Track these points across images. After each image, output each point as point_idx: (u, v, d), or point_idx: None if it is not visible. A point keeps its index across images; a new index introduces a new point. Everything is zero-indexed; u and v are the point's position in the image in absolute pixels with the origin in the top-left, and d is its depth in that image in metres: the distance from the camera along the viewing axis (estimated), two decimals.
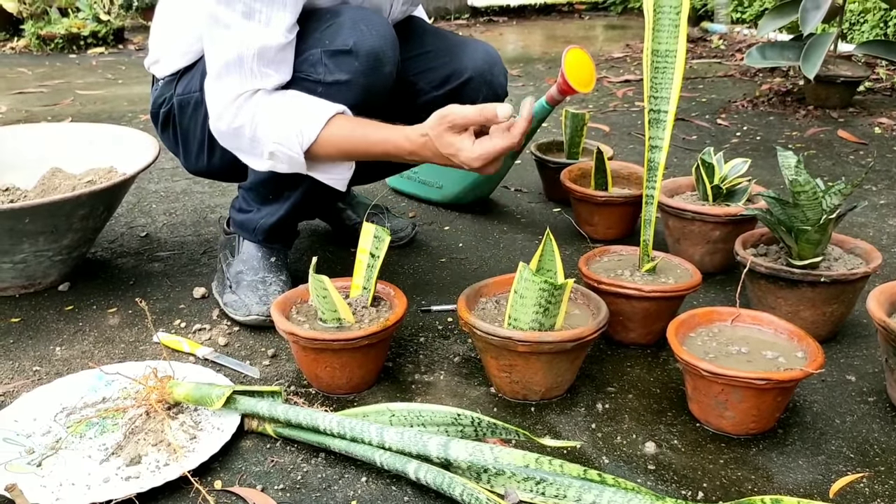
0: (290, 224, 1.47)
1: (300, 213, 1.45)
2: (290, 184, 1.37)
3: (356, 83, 1.25)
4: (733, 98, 3.20)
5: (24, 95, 3.38)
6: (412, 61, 1.46)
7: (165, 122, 1.48)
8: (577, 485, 0.93)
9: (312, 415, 1.06)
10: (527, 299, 1.13)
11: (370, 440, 1.02)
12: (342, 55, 1.24)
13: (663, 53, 1.27)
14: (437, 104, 1.44)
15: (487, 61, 1.48)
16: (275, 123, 1.25)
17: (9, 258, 1.46)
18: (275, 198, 1.40)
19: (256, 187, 1.41)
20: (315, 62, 1.25)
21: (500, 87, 1.50)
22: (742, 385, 1.05)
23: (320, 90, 1.26)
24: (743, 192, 1.60)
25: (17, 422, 1.13)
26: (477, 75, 1.45)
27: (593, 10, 5.89)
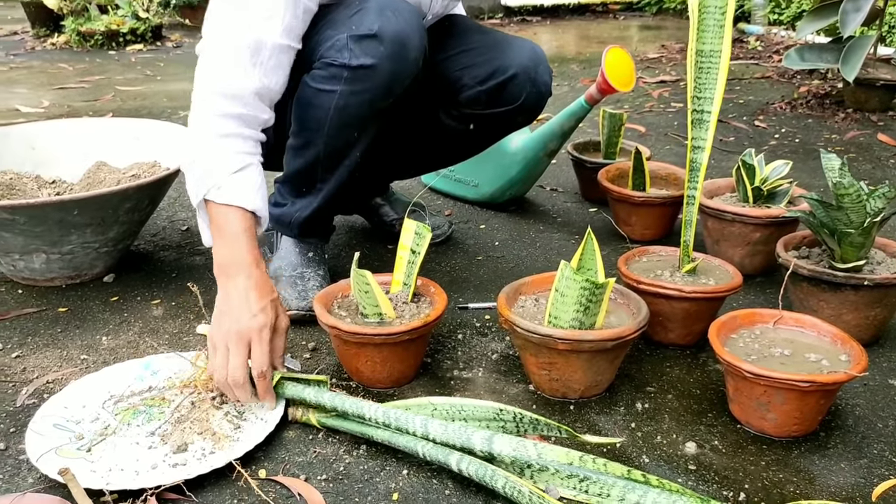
0: (325, 217, 1.49)
1: (334, 205, 1.46)
2: (322, 176, 1.39)
3: (381, 68, 1.26)
4: (771, 100, 3.17)
5: (65, 91, 3.44)
6: (456, 57, 1.47)
7: None
8: (621, 484, 0.93)
9: (358, 403, 1.08)
10: (568, 298, 1.14)
11: (415, 431, 1.03)
12: (367, 39, 1.25)
13: (707, 53, 1.26)
14: (480, 100, 1.47)
15: (533, 59, 1.48)
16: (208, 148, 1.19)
17: (57, 249, 1.49)
18: (308, 190, 1.42)
19: (290, 180, 1.43)
20: (341, 47, 1.26)
21: (544, 85, 1.50)
22: (785, 387, 1.04)
23: (346, 75, 1.27)
24: (784, 194, 1.59)
25: (67, 408, 1.16)
26: (521, 72, 1.46)
27: (628, 11, 5.86)
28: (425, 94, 1.50)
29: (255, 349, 1.11)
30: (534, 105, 1.51)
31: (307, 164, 1.38)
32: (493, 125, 1.54)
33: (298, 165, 1.39)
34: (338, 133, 1.33)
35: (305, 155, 1.37)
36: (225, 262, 1.18)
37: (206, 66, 1.21)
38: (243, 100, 1.20)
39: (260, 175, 1.23)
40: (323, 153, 1.35)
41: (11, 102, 3.19)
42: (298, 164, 1.39)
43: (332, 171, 1.37)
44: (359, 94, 1.28)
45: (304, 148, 1.36)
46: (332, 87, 1.28)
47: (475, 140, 1.58)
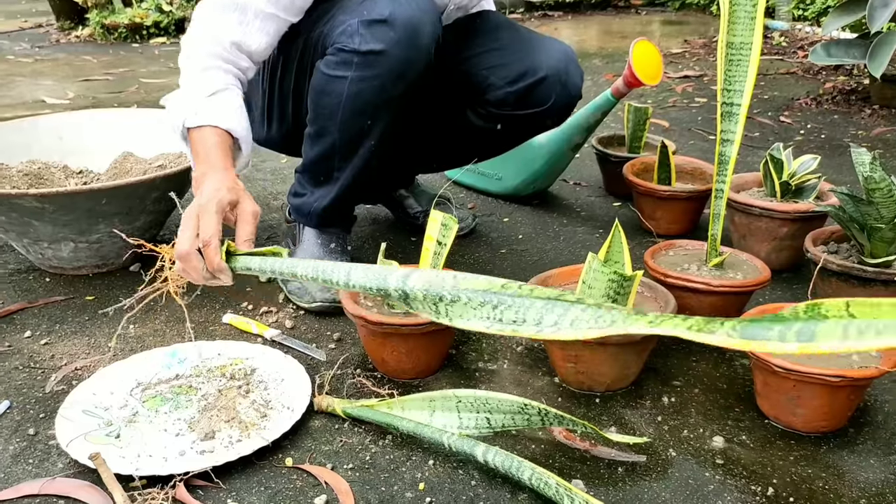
0: (344, 206, 1.48)
1: (352, 195, 1.46)
2: (339, 165, 1.39)
3: (391, 54, 1.25)
4: (796, 96, 3.14)
5: (90, 83, 3.47)
6: (486, 56, 1.46)
7: None
8: (539, 305, 0.78)
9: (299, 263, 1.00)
10: (595, 290, 1.13)
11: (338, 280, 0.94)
12: (378, 25, 1.25)
13: (738, 46, 1.25)
14: (508, 101, 1.45)
15: (564, 61, 1.45)
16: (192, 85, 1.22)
17: (85, 238, 1.50)
18: (326, 179, 1.42)
19: (308, 169, 1.44)
20: (352, 33, 1.26)
21: (575, 88, 1.48)
22: (815, 382, 1.03)
23: (356, 60, 1.27)
24: (812, 189, 1.57)
25: (95, 395, 1.17)
26: (552, 74, 1.43)
27: (650, 6, 5.83)
28: (450, 88, 1.49)
29: (202, 219, 1.08)
30: (563, 108, 1.49)
31: (323, 153, 1.38)
32: (521, 126, 1.53)
33: (315, 154, 1.39)
34: (351, 120, 1.33)
35: (321, 143, 1.37)
36: (199, 176, 1.17)
37: (194, 20, 1.27)
38: (222, 44, 1.24)
39: (237, 98, 1.23)
40: (338, 141, 1.36)
41: (38, 94, 3.23)
42: (315, 153, 1.39)
43: (349, 159, 1.37)
44: (369, 80, 1.28)
45: (319, 136, 1.37)
46: (343, 73, 1.28)
47: (502, 140, 1.57)
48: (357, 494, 0.98)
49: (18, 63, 3.94)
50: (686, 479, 1.01)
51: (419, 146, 1.63)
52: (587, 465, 1.04)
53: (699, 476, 1.01)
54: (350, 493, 0.98)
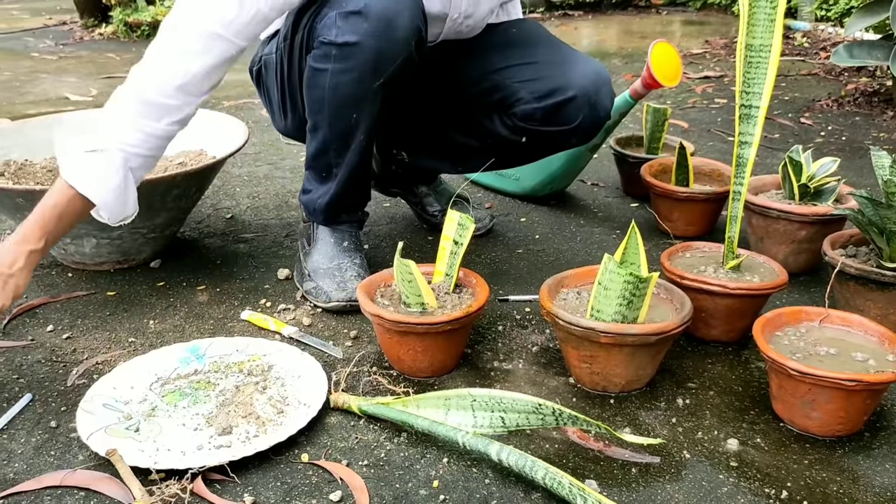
0: (345, 203, 1.48)
1: (352, 189, 1.46)
2: (336, 161, 1.41)
3: (365, 45, 1.25)
4: (817, 97, 3.12)
5: (112, 80, 3.50)
6: (518, 69, 1.46)
7: (258, 79, 1.58)
8: None
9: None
10: (611, 291, 1.13)
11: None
12: (353, 16, 1.25)
13: (757, 48, 1.25)
14: (535, 116, 1.45)
15: (595, 82, 1.44)
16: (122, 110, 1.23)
17: (106, 234, 1.52)
18: (327, 175, 1.44)
19: (312, 165, 1.46)
20: (331, 24, 1.27)
21: (604, 110, 1.46)
22: (831, 385, 1.03)
23: (334, 52, 1.27)
24: (831, 192, 1.57)
25: (116, 389, 1.19)
26: (581, 94, 1.42)
27: (671, 6, 5.80)
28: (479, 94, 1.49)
29: None
30: (589, 128, 1.47)
31: (320, 147, 1.40)
32: (545, 142, 1.52)
33: (314, 149, 1.42)
34: (337, 113, 1.34)
35: (317, 137, 1.39)
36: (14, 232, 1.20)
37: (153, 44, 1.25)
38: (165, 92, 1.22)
39: (112, 164, 1.21)
40: (329, 135, 1.37)
41: (61, 91, 3.26)
42: (313, 148, 1.42)
43: (343, 154, 1.39)
44: (347, 72, 1.28)
45: (314, 130, 1.39)
46: (324, 66, 1.30)
47: (526, 152, 1.57)
48: (372, 491, 0.99)
49: (43, 60, 3.99)
50: (700, 480, 1.01)
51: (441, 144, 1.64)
52: (601, 466, 1.04)
53: (713, 478, 1.01)
54: (365, 489, 0.99)
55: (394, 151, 1.73)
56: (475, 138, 1.57)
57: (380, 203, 1.96)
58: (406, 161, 1.71)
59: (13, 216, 1.52)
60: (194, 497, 0.98)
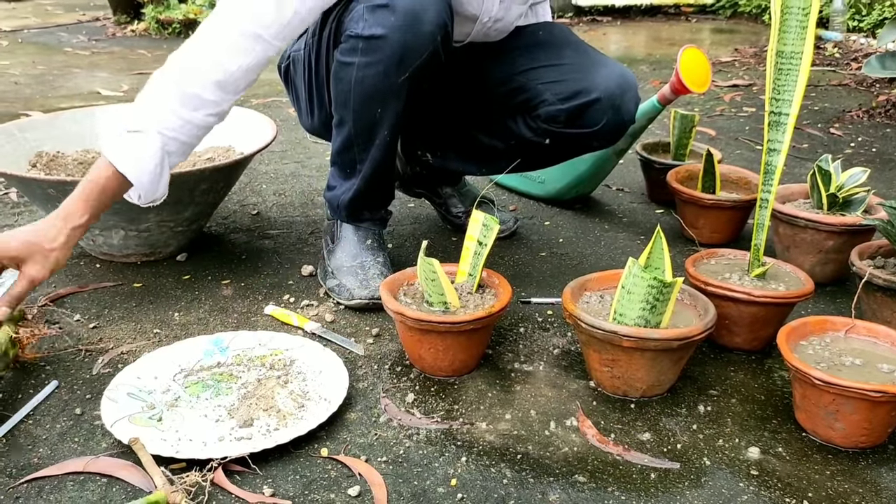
0: (368, 200, 1.49)
1: (373, 188, 1.47)
2: (360, 156, 1.41)
3: (391, 39, 1.26)
4: (848, 108, 3.08)
5: (143, 76, 3.53)
6: (544, 70, 1.46)
7: (286, 76, 1.60)
8: None
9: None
10: (634, 295, 1.13)
11: None
12: (380, 9, 1.26)
13: (788, 55, 1.24)
14: (559, 118, 1.46)
15: (621, 85, 1.43)
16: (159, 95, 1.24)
17: (135, 227, 1.54)
18: (351, 171, 1.45)
19: (337, 161, 1.46)
20: (358, 18, 1.28)
21: (628, 114, 1.45)
22: (855, 396, 1.02)
23: (361, 45, 1.28)
24: (860, 202, 1.55)
25: (140, 379, 1.20)
26: (605, 97, 1.42)
27: (701, 13, 5.76)
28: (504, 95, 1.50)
29: None
30: (613, 132, 1.47)
31: (345, 142, 1.41)
32: (568, 145, 1.52)
33: (339, 144, 1.43)
34: (362, 108, 1.34)
35: (342, 132, 1.40)
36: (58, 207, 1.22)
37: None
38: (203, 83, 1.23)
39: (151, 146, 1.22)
40: (353, 130, 1.38)
41: (94, 85, 3.31)
42: (338, 143, 1.42)
43: (367, 149, 1.40)
44: (373, 65, 1.29)
45: (340, 125, 1.40)
46: (351, 60, 1.31)
47: (549, 155, 1.57)
48: (390, 487, 1.00)
49: (76, 55, 4.05)
50: (720, 488, 1.00)
51: (465, 146, 1.64)
52: (619, 470, 1.04)
53: (733, 486, 1.01)
54: (383, 485, 1.00)
55: (418, 153, 1.73)
56: (499, 140, 1.57)
57: (404, 203, 1.97)
58: (430, 162, 1.72)
59: (44, 206, 1.54)
60: (215, 487, 0.99)
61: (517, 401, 1.19)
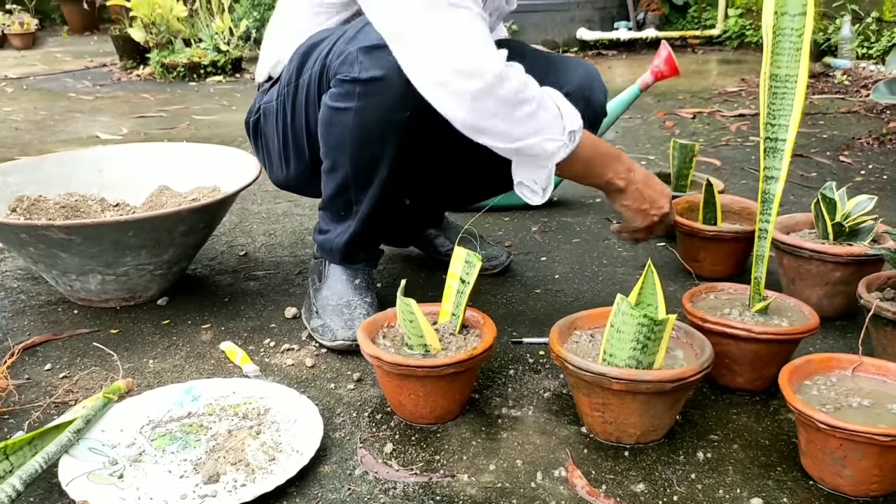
0: (366, 241, 1.44)
1: (373, 227, 1.41)
2: (357, 198, 1.36)
3: (392, 79, 1.21)
4: (857, 135, 3.01)
5: (144, 119, 3.54)
6: None
7: (255, 130, 1.53)
8: None
9: None
10: (624, 334, 1.06)
11: None
12: (377, 50, 1.21)
13: (783, 78, 1.18)
14: None
15: (587, 77, 1.45)
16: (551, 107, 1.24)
17: (112, 270, 1.49)
18: (346, 214, 1.39)
19: (328, 206, 1.41)
20: (352, 61, 1.23)
21: (599, 104, 1.46)
22: (864, 441, 0.94)
23: (358, 90, 1.24)
24: (868, 231, 1.47)
25: (105, 431, 1.14)
26: (575, 90, 1.41)
27: (707, 45, 5.72)
28: None
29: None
30: (587, 124, 1.42)
31: (339, 187, 1.35)
32: None
33: (332, 189, 1.37)
34: (360, 151, 1.29)
35: (335, 177, 1.35)
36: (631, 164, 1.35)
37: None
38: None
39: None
40: (351, 174, 1.33)
41: (93, 130, 3.30)
42: (331, 188, 1.37)
43: (364, 191, 1.34)
44: (373, 108, 1.25)
45: (332, 170, 1.34)
46: (347, 105, 1.26)
47: None
48: None
49: (79, 100, 4.06)
50: None
51: (442, 180, 1.59)
52: None
53: None
54: None
55: None
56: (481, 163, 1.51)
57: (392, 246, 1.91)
58: (408, 205, 1.67)
59: (18, 251, 1.50)
60: None
61: (503, 449, 1.11)
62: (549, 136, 1.22)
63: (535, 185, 1.29)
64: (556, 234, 1.99)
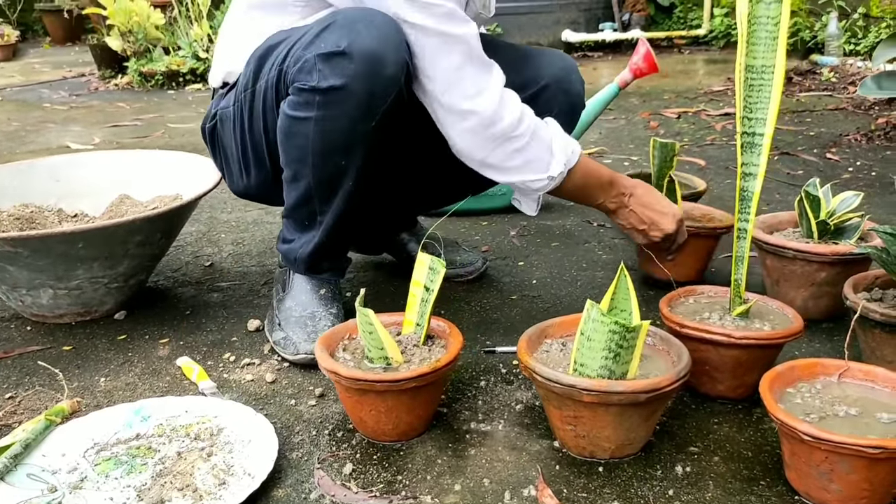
0: (331, 250, 1.37)
1: (338, 237, 1.35)
2: (321, 208, 1.29)
3: (353, 88, 1.15)
4: (845, 131, 2.96)
5: (118, 128, 3.47)
6: None
7: (212, 137, 1.47)
8: None
9: None
10: (595, 342, 1.00)
11: None
12: (336, 57, 1.14)
13: (759, 69, 1.12)
14: None
15: (564, 69, 1.40)
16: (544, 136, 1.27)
17: (64, 284, 1.42)
18: (310, 224, 1.32)
19: (291, 215, 1.34)
20: (310, 69, 1.16)
21: (577, 96, 1.41)
22: (851, 453, 0.87)
23: (318, 99, 1.17)
24: (854, 229, 1.41)
25: (45, 456, 1.07)
26: (553, 83, 1.37)
27: (694, 45, 5.67)
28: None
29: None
30: (566, 116, 1.40)
31: (302, 197, 1.29)
32: None
33: (294, 199, 1.30)
34: (323, 161, 1.23)
35: (298, 187, 1.28)
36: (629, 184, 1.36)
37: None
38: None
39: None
40: (314, 184, 1.26)
41: (64, 140, 3.22)
42: (294, 198, 1.30)
43: (329, 201, 1.28)
44: (335, 118, 1.18)
45: (294, 180, 1.28)
46: (306, 114, 1.19)
47: None
48: None
49: (53, 110, 3.98)
50: None
51: (413, 183, 1.53)
52: None
53: None
54: None
55: None
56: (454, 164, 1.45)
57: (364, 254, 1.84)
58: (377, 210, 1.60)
59: None
60: None
61: (470, 468, 1.05)
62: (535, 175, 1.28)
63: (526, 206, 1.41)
64: (535, 237, 1.92)
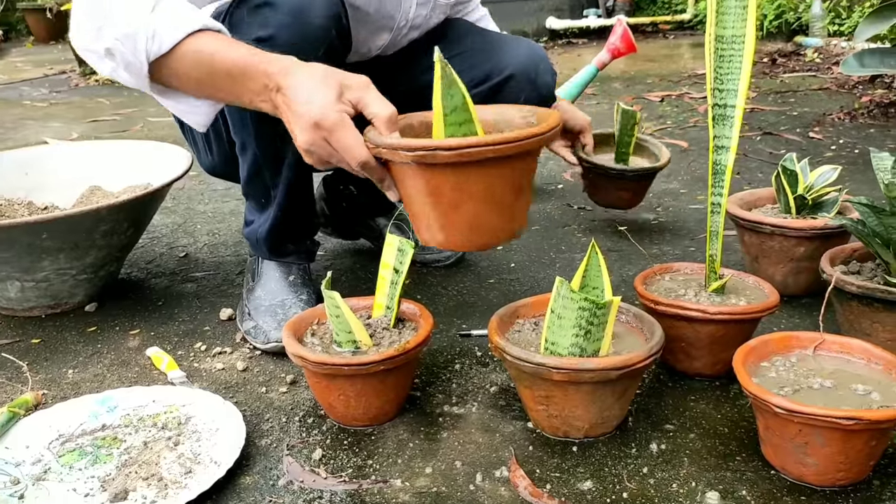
0: (289, 231, 1.34)
1: (292, 215, 1.31)
2: (272, 181, 1.26)
3: (279, 39, 1.11)
4: (828, 111, 2.94)
5: (97, 123, 3.43)
6: (452, 62, 1.33)
7: None
8: None
9: None
10: (565, 320, 0.97)
11: None
12: (261, 8, 1.12)
13: (729, 39, 1.10)
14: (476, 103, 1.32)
15: (532, 58, 1.35)
16: (129, 9, 1.01)
17: (30, 276, 1.39)
18: (266, 200, 1.30)
19: (248, 190, 1.32)
20: (238, 21, 1.14)
21: (545, 87, 1.36)
22: (824, 425, 0.86)
23: None
24: (832, 203, 1.40)
25: (9, 448, 1.05)
26: (519, 72, 1.33)
27: (678, 30, 5.66)
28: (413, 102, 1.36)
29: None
30: None
31: (252, 168, 1.26)
32: None
33: (247, 171, 1.28)
34: (262, 125, 1.19)
35: (247, 157, 1.25)
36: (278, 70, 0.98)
37: None
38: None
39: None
40: (259, 152, 1.23)
41: (43, 135, 3.19)
42: (246, 170, 1.28)
43: (278, 172, 1.25)
44: None
45: (243, 150, 1.25)
46: None
47: None
48: None
49: (33, 107, 3.94)
50: None
51: None
52: None
53: None
54: None
55: (340, 187, 1.60)
56: None
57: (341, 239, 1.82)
58: (355, 194, 1.58)
59: None
60: None
61: (442, 450, 1.03)
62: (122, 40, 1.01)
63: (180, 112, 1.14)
64: None
